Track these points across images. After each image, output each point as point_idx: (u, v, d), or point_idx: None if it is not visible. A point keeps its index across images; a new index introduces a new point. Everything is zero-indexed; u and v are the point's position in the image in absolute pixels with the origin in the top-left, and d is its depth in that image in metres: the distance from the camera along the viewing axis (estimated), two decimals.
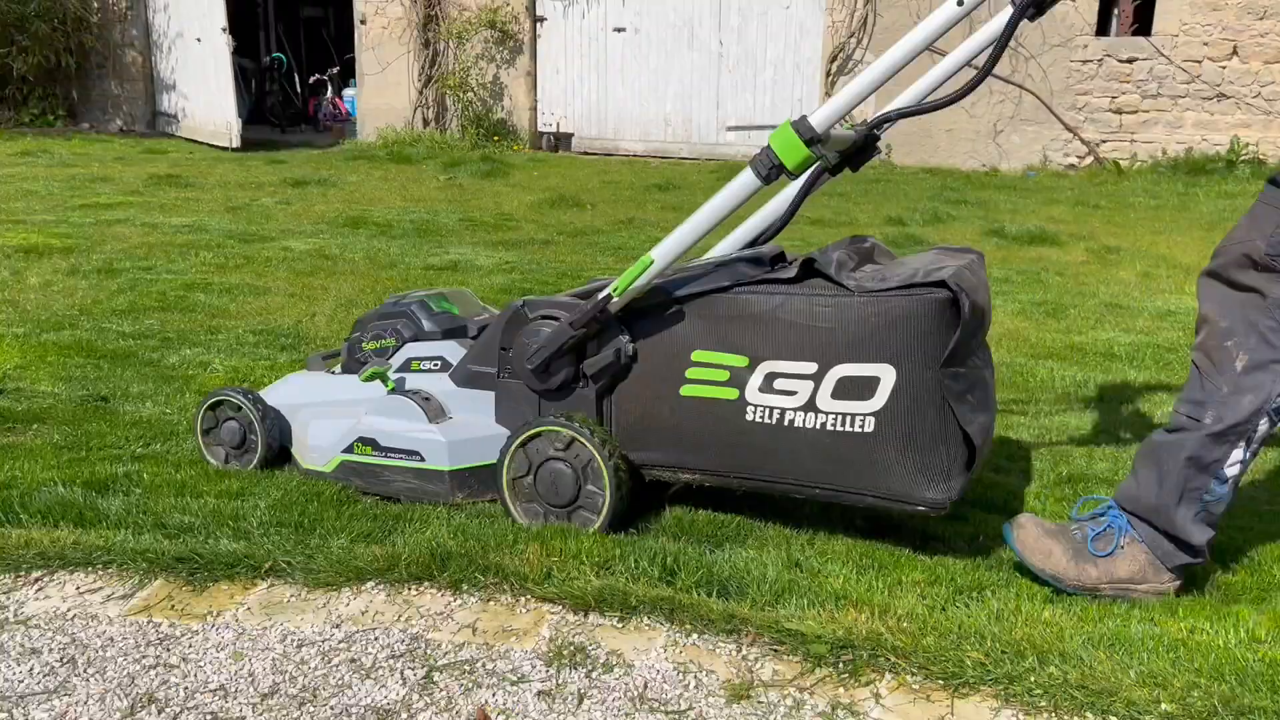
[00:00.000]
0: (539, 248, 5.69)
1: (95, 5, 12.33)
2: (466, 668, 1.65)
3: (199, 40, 11.15)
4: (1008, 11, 1.83)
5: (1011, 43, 1.90)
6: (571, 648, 1.70)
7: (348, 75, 13.46)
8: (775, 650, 1.70)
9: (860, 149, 2.08)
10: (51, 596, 1.85)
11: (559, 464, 2.10)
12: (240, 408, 2.38)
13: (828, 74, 10.08)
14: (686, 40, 10.39)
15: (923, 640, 1.68)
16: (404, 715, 1.53)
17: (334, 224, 6.28)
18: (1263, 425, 1.81)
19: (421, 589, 1.89)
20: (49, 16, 11.83)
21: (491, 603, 1.85)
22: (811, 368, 1.94)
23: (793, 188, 2.16)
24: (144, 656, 1.67)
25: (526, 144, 11.16)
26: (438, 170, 9.22)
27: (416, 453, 2.22)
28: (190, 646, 1.70)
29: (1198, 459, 1.83)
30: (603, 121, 11.06)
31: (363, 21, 11.45)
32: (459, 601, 1.85)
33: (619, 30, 10.75)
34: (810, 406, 1.95)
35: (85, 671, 1.62)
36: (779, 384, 1.97)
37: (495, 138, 11.06)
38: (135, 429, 2.68)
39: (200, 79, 11.30)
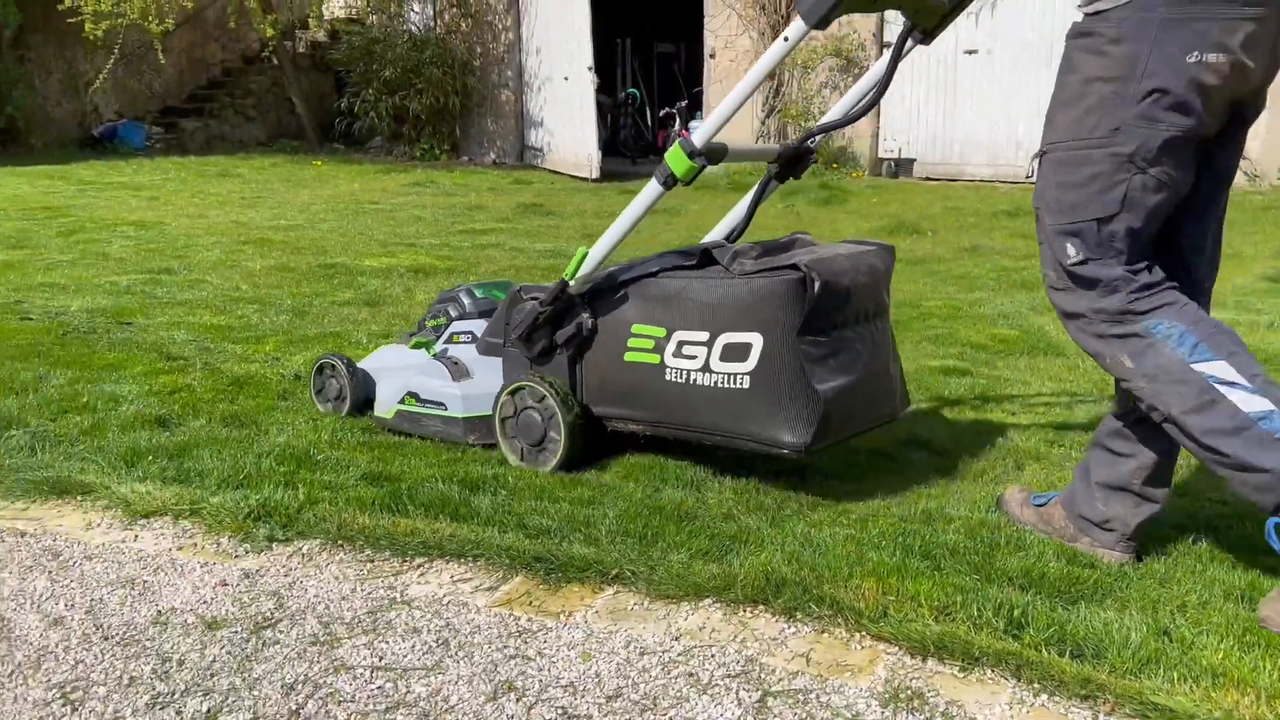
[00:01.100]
0: None
1: (478, 50, 13.74)
2: (800, 697, 1.65)
3: (566, 79, 12.08)
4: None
5: None
6: (909, 692, 1.65)
7: (695, 108, 14.00)
8: None
9: (795, 159, 2.61)
10: (430, 582, 2.06)
11: (533, 412, 2.62)
12: (338, 368, 3.04)
13: None
14: (1044, 59, 9.81)
15: None
16: None
17: None
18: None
19: (756, 611, 1.91)
20: (440, 62, 13.33)
21: (825, 634, 1.83)
22: (706, 336, 2.40)
23: (750, 195, 2.66)
24: (505, 646, 1.82)
25: (866, 171, 11.04)
26: (776, 198, 9.34)
27: (442, 403, 2.80)
28: (545, 642, 1.83)
29: None
30: (947, 146, 10.71)
31: (712, 55, 11.88)
32: (792, 629, 1.86)
33: (970, 53, 10.37)
34: (706, 368, 2.39)
35: (456, 654, 1.80)
36: (685, 350, 2.43)
37: (834, 165, 11.05)
38: None
39: (565, 115, 12.24)
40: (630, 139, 14.73)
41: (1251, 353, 1.89)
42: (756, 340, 2.31)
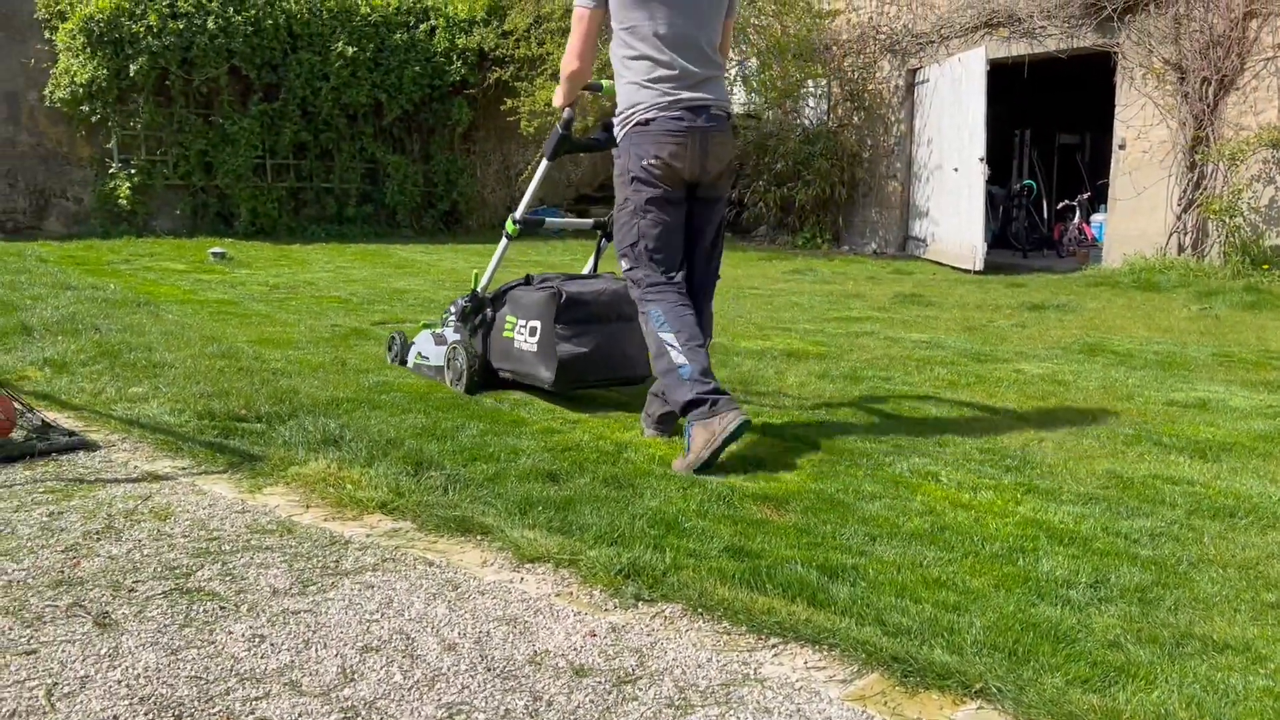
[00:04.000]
0: None
1: (869, 143, 13.88)
2: None
3: (956, 170, 11.86)
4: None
5: None
6: None
7: (1097, 201, 13.15)
8: None
9: (606, 227, 4.36)
10: (784, 664, 2.05)
11: (457, 361, 4.38)
12: (396, 338, 4.97)
13: None
14: None
15: None
16: None
17: (1069, 350, 6.13)
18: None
19: None
20: (830, 155, 13.63)
21: None
22: (524, 322, 4.14)
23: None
24: None
25: None
26: (1189, 300, 8.47)
27: (429, 357, 4.63)
28: None
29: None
30: None
31: (1121, 146, 11.12)
32: None
33: None
34: (526, 340, 4.12)
35: None
36: (520, 330, 4.15)
37: (1264, 266, 9.83)
38: (862, 525, 2.87)
39: (952, 206, 11.99)
40: (1023, 231, 14.09)
41: (695, 328, 3.45)
42: (539, 324, 4.06)
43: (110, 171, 12.38)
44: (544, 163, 4.16)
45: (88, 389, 4.25)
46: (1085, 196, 13.69)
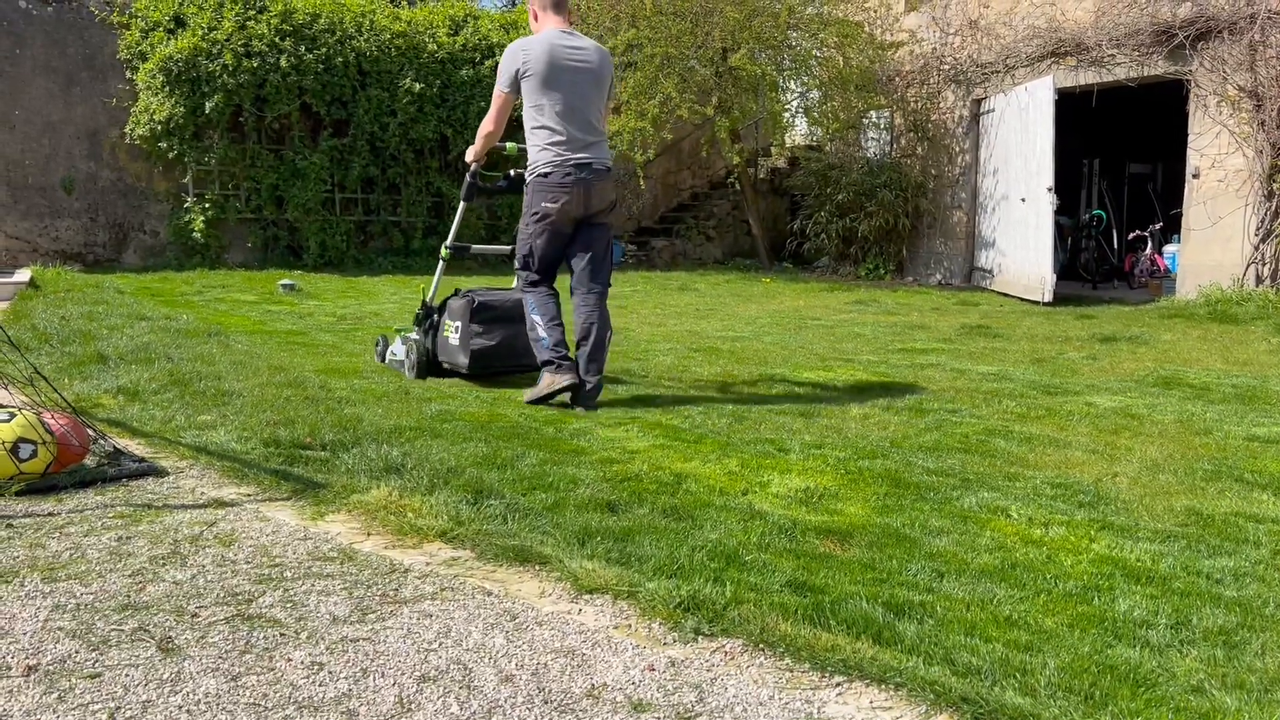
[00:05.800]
0: None
1: (933, 173, 13.74)
2: None
3: (1023, 200, 11.67)
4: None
5: None
6: None
7: (1171, 230, 12.85)
8: None
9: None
10: (849, 704, 1.99)
11: (410, 354, 5.50)
12: (381, 340, 5.97)
13: None
14: None
15: None
16: None
17: (1143, 382, 5.95)
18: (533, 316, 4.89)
19: None
20: (893, 186, 13.51)
21: None
22: (451, 322, 5.37)
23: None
24: None
25: None
26: (1269, 332, 8.20)
27: (397, 354, 5.68)
28: None
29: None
30: None
31: (1195, 175, 10.85)
32: None
33: None
34: (453, 336, 5.33)
35: None
36: (450, 329, 5.37)
37: None
38: (929, 561, 2.80)
39: (1019, 236, 11.79)
40: (1092, 262, 13.80)
41: (556, 312, 4.86)
42: (460, 324, 5.25)
43: (185, 206, 12.74)
44: (462, 203, 5.41)
45: (158, 416, 4.34)
46: (1157, 227, 13.38)
